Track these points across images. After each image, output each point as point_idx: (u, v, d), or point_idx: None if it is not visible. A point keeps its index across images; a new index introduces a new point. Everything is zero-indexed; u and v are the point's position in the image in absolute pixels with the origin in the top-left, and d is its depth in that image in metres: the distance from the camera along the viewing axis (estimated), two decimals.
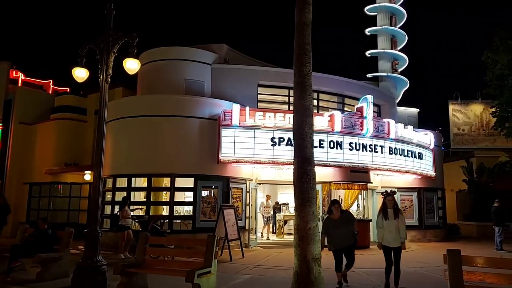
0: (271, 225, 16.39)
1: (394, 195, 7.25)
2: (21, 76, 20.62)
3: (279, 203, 17.14)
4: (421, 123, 21.08)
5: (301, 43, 6.28)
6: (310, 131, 6.15)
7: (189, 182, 12.85)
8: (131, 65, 7.56)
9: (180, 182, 12.94)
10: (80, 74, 7.97)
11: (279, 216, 16.37)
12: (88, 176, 16.28)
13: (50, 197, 17.43)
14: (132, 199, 13.06)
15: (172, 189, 12.73)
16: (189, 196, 13.28)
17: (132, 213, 11.65)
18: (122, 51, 7.78)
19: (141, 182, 13.31)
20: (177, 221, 12.87)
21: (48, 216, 16.46)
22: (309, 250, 5.75)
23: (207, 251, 6.58)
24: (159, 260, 8.57)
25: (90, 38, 7.97)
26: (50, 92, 21.82)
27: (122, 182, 13.29)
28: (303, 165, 6.02)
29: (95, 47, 7.79)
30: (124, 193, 12.91)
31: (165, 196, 13.78)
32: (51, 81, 22.14)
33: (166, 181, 13.25)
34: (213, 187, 13.16)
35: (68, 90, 21.17)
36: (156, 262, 7.91)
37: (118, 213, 11.53)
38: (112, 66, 7.74)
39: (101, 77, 7.72)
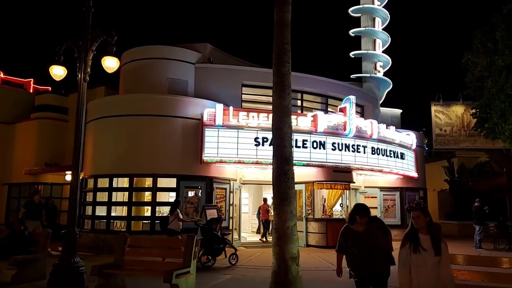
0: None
1: (424, 211, 4.11)
2: (0, 74, 20.20)
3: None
4: (404, 123, 21.42)
5: (280, 43, 6.30)
6: (289, 131, 6.16)
7: (171, 182, 12.75)
8: (110, 63, 7.45)
9: (162, 182, 12.83)
10: (58, 72, 7.83)
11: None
12: (69, 176, 16.00)
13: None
14: (113, 200, 12.92)
15: (154, 189, 12.62)
16: (173, 197, 13.18)
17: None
18: (104, 49, 7.66)
19: (123, 182, 13.15)
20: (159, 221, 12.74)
21: None
22: (287, 249, 5.75)
23: (186, 251, 6.54)
24: (138, 261, 8.46)
25: (72, 37, 7.83)
26: (31, 91, 21.46)
27: (103, 183, 13.11)
28: (282, 164, 6.03)
29: (73, 45, 7.65)
30: (171, 194, 12.64)
31: (148, 196, 13.66)
32: (32, 80, 21.76)
33: (149, 182, 13.13)
34: (196, 187, 13.08)
35: (49, 89, 20.84)
36: (135, 263, 7.81)
37: (168, 216, 10.61)
38: (95, 65, 7.64)
39: (79, 75, 7.59)
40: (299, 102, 16.51)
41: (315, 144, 13.64)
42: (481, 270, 5.27)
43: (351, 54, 20.30)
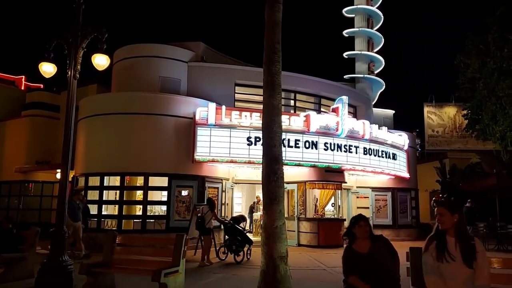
0: None
1: (451, 208, 3.28)
2: None
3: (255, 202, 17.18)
4: (396, 124, 21.52)
5: (271, 42, 6.29)
6: (278, 130, 6.16)
7: (163, 181, 12.72)
8: (100, 61, 7.40)
9: (154, 181, 12.79)
10: (48, 69, 7.76)
11: (256, 215, 16.39)
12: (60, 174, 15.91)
13: (21, 196, 16.99)
14: (104, 198, 12.86)
15: (146, 188, 12.57)
16: (165, 196, 13.14)
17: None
18: (96, 47, 7.58)
19: (115, 181, 13.09)
20: (151, 220, 12.72)
21: (18, 216, 16.08)
22: (275, 248, 5.75)
23: (175, 250, 6.51)
24: (128, 260, 8.42)
25: (63, 33, 7.74)
26: (23, 88, 21.31)
27: (95, 181, 13.04)
28: (271, 163, 6.03)
29: (63, 42, 7.59)
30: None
31: (140, 195, 13.60)
32: (24, 77, 21.59)
33: (140, 180, 13.08)
34: (188, 186, 13.04)
35: (41, 87, 20.70)
36: (124, 262, 7.77)
37: (205, 215, 10.51)
38: (87, 63, 7.58)
39: (69, 72, 7.53)
40: (292, 102, 16.55)
41: (307, 144, 13.65)
42: None
43: (345, 54, 20.38)
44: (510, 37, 16.07)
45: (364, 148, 14.78)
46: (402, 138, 17.04)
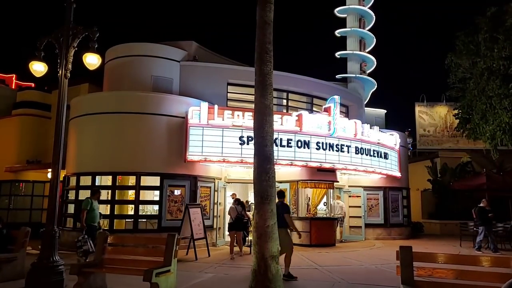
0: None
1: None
2: None
3: (249, 202, 17.18)
4: (388, 124, 21.70)
5: (262, 42, 6.32)
6: (270, 130, 6.19)
7: (155, 180, 12.67)
8: (91, 60, 7.37)
9: (146, 180, 12.74)
10: (38, 68, 7.73)
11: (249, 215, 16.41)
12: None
13: (11, 196, 16.83)
14: None
15: (138, 187, 12.51)
16: (157, 195, 13.10)
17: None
18: (88, 46, 7.53)
19: (106, 180, 13.02)
20: (143, 220, 12.68)
21: (8, 216, 15.93)
22: (266, 248, 5.78)
23: (167, 250, 6.51)
24: (120, 259, 8.40)
25: (54, 32, 7.69)
26: (13, 87, 21.09)
27: (86, 181, 12.95)
28: (263, 163, 6.05)
29: (54, 40, 7.54)
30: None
31: (131, 195, 13.54)
32: (14, 75, 21.36)
33: (132, 180, 13.02)
34: (180, 186, 13.01)
35: (32, 85, 20.50)
36: (116, 262, 7.75)
37: (242, 214, 11.86)
38: (79, 62, 7.53)
39: (60, 71, 7.49)
40: (284, 102, 16.59)
41: (299, 143, 13.69)
42: (454, 268, 5.39)
43: (337, 54, 20.46)
44: (500, 38, 16.23)
45: (356, 147, 14.87)
46: (393, 138, 17.16)
